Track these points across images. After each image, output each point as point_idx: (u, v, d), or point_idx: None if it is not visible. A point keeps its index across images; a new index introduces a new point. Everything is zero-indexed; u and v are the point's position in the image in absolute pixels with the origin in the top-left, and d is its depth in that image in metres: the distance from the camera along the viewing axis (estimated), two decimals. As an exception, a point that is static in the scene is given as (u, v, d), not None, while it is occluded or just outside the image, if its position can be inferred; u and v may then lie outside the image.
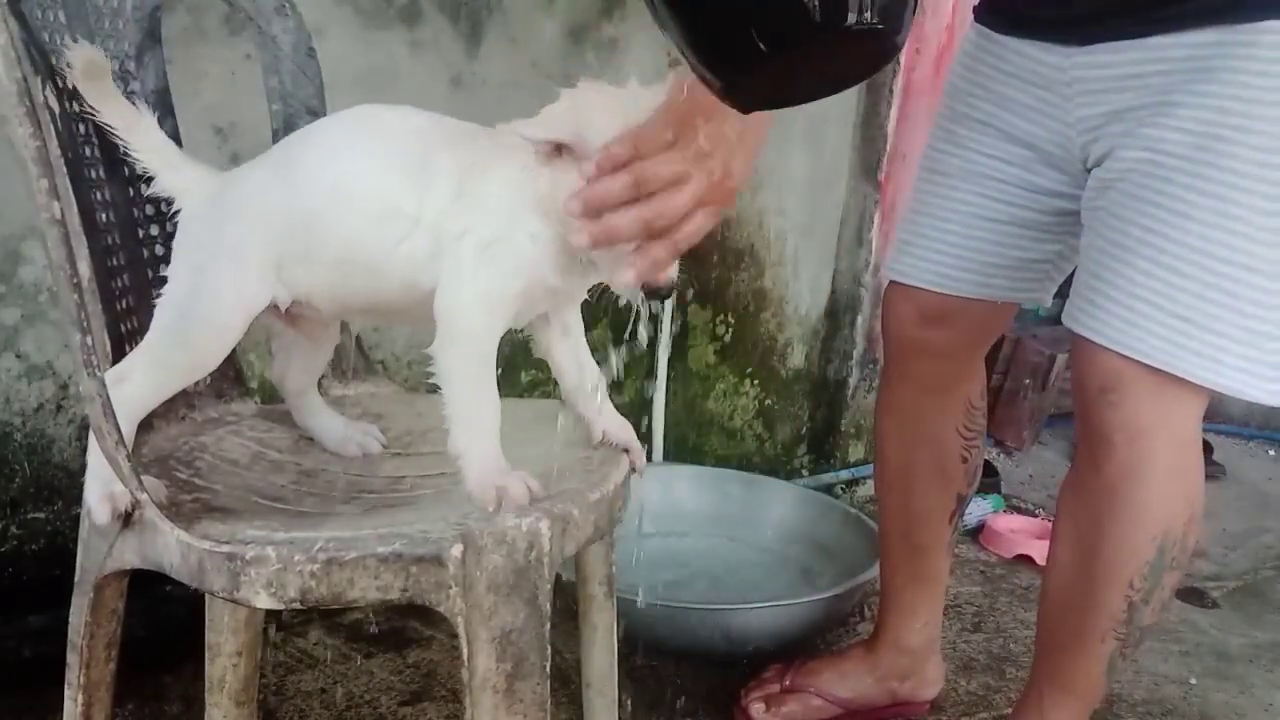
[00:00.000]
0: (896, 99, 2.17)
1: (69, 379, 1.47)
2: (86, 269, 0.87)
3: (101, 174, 0.97)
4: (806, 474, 2.39)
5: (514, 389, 1.83)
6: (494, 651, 0.79)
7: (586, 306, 0.97)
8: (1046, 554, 1.24)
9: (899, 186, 2.24)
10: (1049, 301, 1.33)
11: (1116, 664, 1.18)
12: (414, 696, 1.49)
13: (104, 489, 0.81)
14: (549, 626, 0.81)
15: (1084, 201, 1.14)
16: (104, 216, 0.96)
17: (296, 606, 0.77)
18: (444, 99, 1.67)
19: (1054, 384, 2.74)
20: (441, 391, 0.86)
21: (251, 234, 0.90)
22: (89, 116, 0.93)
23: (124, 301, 0.96)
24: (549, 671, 0.82)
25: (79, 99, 0.95)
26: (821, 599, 1.65)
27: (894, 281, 1.36)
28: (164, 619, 1.40)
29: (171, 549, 0.79)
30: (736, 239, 2.15)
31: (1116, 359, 1.06)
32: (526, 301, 0.88)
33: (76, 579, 0.87)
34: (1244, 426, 3.03)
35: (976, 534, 2.20)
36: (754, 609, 1.62)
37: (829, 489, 2.27)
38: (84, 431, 0.84)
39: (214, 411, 1.06)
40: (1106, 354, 1.07)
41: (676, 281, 0.85)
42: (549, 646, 0.82)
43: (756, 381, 2.28)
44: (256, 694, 1.20)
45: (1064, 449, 2.82)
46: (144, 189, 1.01)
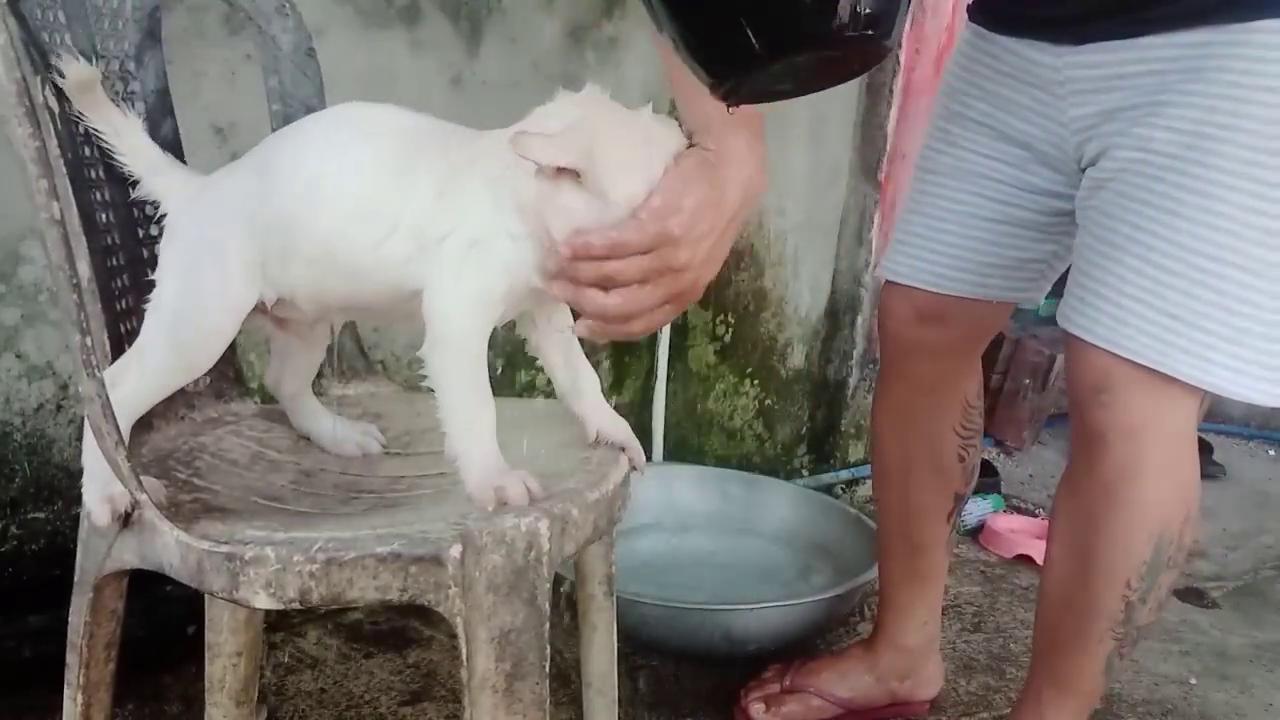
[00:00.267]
0: (896, 99, 2.17)
1: (69, 379, 1.47)
2: (86, 269, 0.87)
3: (101, 174, 0.97)
4: (806, 474, 2.39)
5: (514, 389, 1.83)
6: (493, 651, 0.79)
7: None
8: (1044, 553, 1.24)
9: (899, 186, 2.24)
10: (1041, 300, 1.33)
11: (1114, 663, 1.18)
12: (414, 696, 1.49)
13: (103, 490, 0.81)
14: (548, 626, 0.81)
15: (1078, 201, 1.14)
16: (103, 216, 0.96)
17: (295, 607, 0.77)
18: (444, 99, 1.67)
19: (1054, 384, 2.74)
20: (435, 395, 0.86)
21: (233, 233, 0.89)
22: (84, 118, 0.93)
23: (123, 302, 0.96)
24: (548, 671, 0.82)
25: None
26: (821, 599, 1.65)
27: (889, 281, 1.36)
28: (164, 619, 1.40)
29: (171, 549, 0.79)
30: (737, 239, 2.14)
31: (1107, 358, 1.06)
32: (511, 301, 0.88)
33: (76, 579, 0.87)
34: (1244, 426, 3.03)
35: (976, 534, 2.20)
36: (754, 609, 1.62)
37: (829, 489, 2.27)
38: (84, 431, 0.84)
39: (213, 411, 1.06)
40: (1098, 353, 1.07)
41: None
42: (548, 646, 0.82)
43: (756, 381, 2.28)
44: (256, 694, 1.20)
45: (1064, 449, 2.82)
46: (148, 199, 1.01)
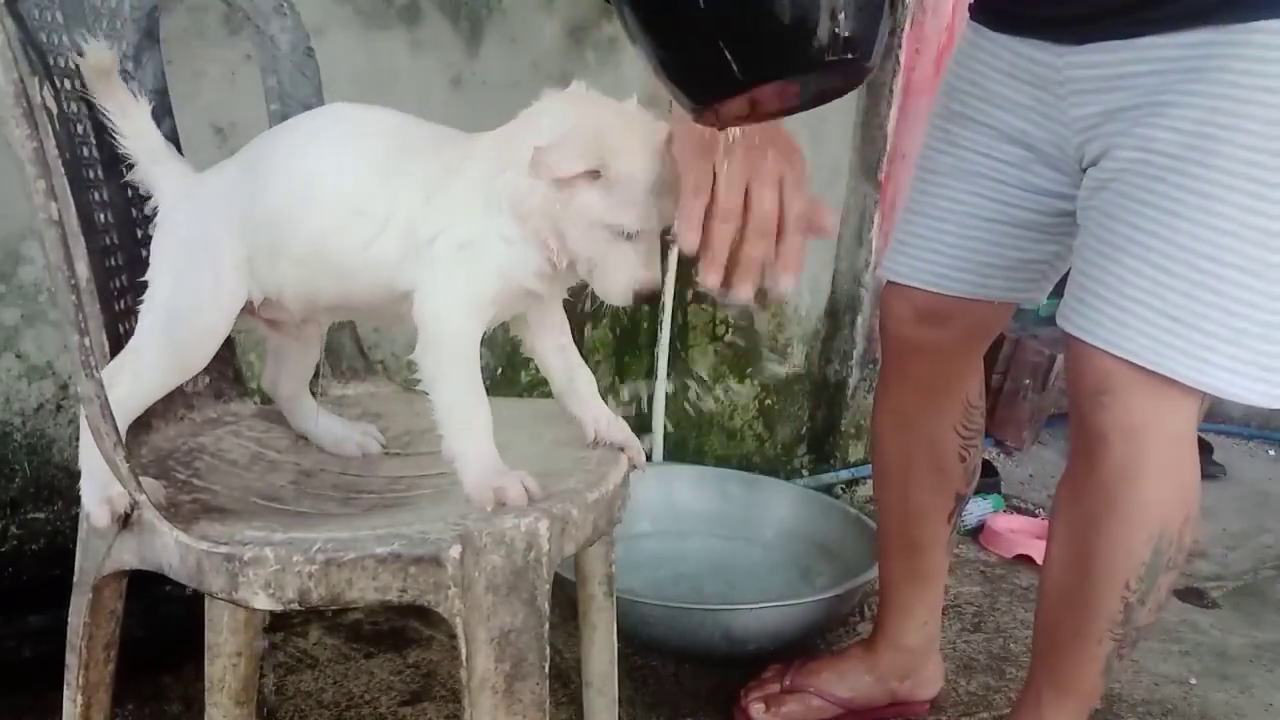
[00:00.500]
0: (896, 99, 2.17)
1: (69, 379, 1.47)
2: (84, 269, 0.87)
3: (99, 174, 0.97)
4: (806, 474, 2.39)
5: (513, 389, 1.83)
6: (493, 652, 0.79)
7: (587, 307, 0.97)
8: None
9: (899, 186, 2.24)
10: (1043, 301, 1.33)
11: (1114, 664, 1.17)
12: (414, 696, 1.49)
13: (102, 491, 0.81)
14: (548, 626, 0.81)
15: (1079, 201, 1.14)
16: (102, 217, 0.96)
17: (294, 607, 0.77)
18: (444, 99, 1.67)
19: (1054, 384, 2.74)
20: (430, 397, 0.86)
21: (224, 231, 0.90)
22: (97, 108, 0.94)
23: (122, 302, 0.96)
24: (548, 671, 0.82)
25: (76, 98, 0.95)
26: (821, 599, 1.65)
27: (890, 281, 1.36)
28: (164, 619, 1.40)
29: (170, 550, 0.79)
30: (736, 239, 2.14)
31: (1107, 359, 1.06)
32: (503, 304, 0.88)
33: (75, 579, 0.87)
34: (1244, 426, 3.02)
35: (976, 534, 2.20)
36: (754, 609, 1.62)
37: (829, 489, 2.27)
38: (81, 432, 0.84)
39: (213, 412, 1.06)
40: (1097, 354, 1.06)
41: (660, 287, 0.87)
42: (548, 646, 0.82)
43: (756, 381, 2.28)
44: (256, 694, 1.20)
45: (1064, 449, 2.81)
46: (142, 189, 1.01)
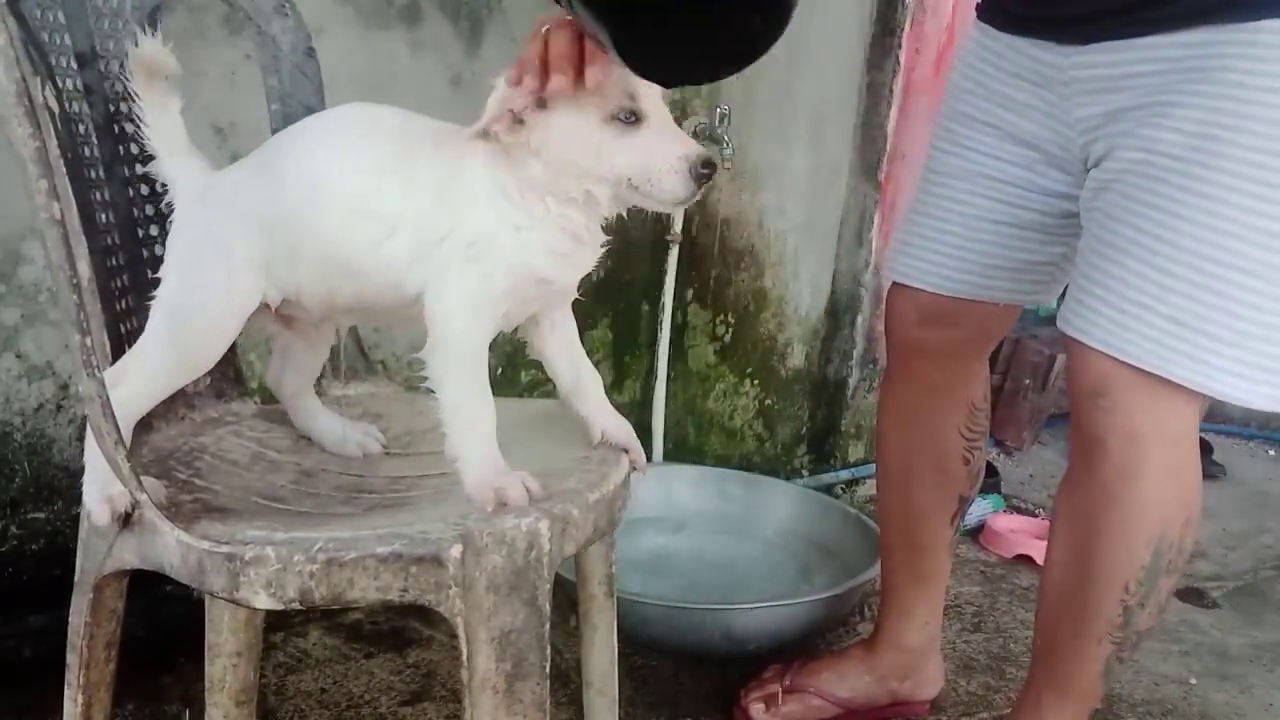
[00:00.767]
0: (896, 99, 2.17)
1: (69, 379, 1.47)
2: (86, 269, 0.87)
3: (101, 174, 0.97)
4: (806, 474, 2.39)
5: (514, 389, 1.83)
6: (493, 652, 0.79)
7: (585, 307, 0.97)
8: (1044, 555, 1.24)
9: (899, 186, 2.24)
10: (1053, 302, 1.33)
11: (1113, 667, 1.17)
12: (414, 696, 1.49)
13: (103, 490, 0.81)
14: (548, 626, 0.81)
15: (1082, 202, 1.14)
16: (104, 217, 0.96)
17: (295, 607, 0.77)
18: (444, 99, 1.67)
19: (1054, 384, 2.74)
20: (436, 395, 0.86)
21: (238, 233, 0.90)
22: (129, 96, 0.94)
23: (124, 302, 0.96)
24: (549, 672, 0.82)
25: (78, 99, 0.95)
26: (821, 599, 1.65)
27: (895, 282, 1.36)
28: (164, 619, 1.40)
29: (171, 549, 0.79)
30: (736, 239, 2.14)
31: (1107, 362, 1.05)
32: (516, 300, 0.88)
33: (76, 579, 0.87)
34: (1244, 426, 3.03)
35: (976, 534, 2.20)
36: (754, 609, 1.62)
37: (829, 489, 2.28)
38: (84, 431, 0.84)
39: (214, 412, 1.06)
40: (1097, 356, 1.06)
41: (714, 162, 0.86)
42: (549, 646, 0.82)
43: (756, 381, 2.28)
44: (256, 694, 1.20)
45: (1064, 449, 2.82)
46: (144, 189, 1.01)
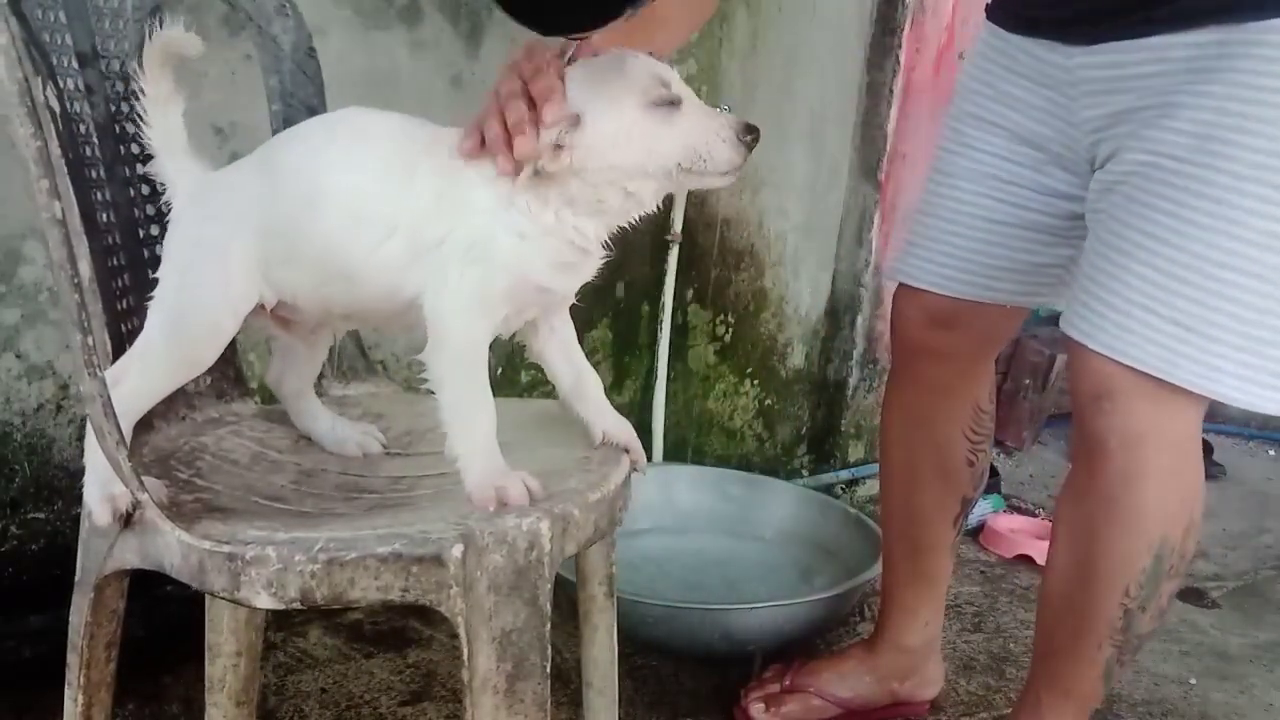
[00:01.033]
0: (896, 99, 2.17)
1: (69, 379, 1.47)
2: (87, 269, 0.87)
3: (102, 174, 0.97)
4: (806, 474, 2.39)
5: (514, 389, 1.83)
6: (494, 652, 0.79)
7: (584, 307, 0.97)
8: (1046, 556, 1.24)
9: (899, 186, 2.24)
10: (1060, 304, 1.32)
11: (1114, 670, 1.17)
12: (414, 696, 1.49)
13: (104, 490, 0.81)
14: (549, 626, 0.81)
15: (1087, 203, 1.13)
16: (105, 216, 0.96)
17: (297, 607, 0.77)
18: (444, 99, 1.67)
19: (1054, 384, 2.74)
20: (436, 397, 0.86)
21: (235, 234, 0.90)
22: (132, 90, 0.93)
23: (124, 301, 0.96)
24: (549, 672, 0.82)
25: (79, 99, 0.95)
26: (821, 599, 1.65)
27: (901, 284, 1.35)
28: (164, 619, 1.40)
29: (172, 549, 0.79)
30: (736, 239, 2.14)
31: (1110, 365, 1.05)
32: (515, 304, 0.88)
33: (77, 579, 0.87)
34: (1244, 427, 3.03)
35: (976, 534, 2.20)
36: (754, 609, 1.62)
37: (829, 489, 2.28)
38: (85, 431, 0.84)
39: (214, 411, 1.06)
40: (1100, 360, 1.05)
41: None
42: (549, 646, 0.82)
43: (756, 381, 2.28)
44: (256, 694, 1.20)
45: (1064, 449, 2.82)
46: (145, 189, 1.01)
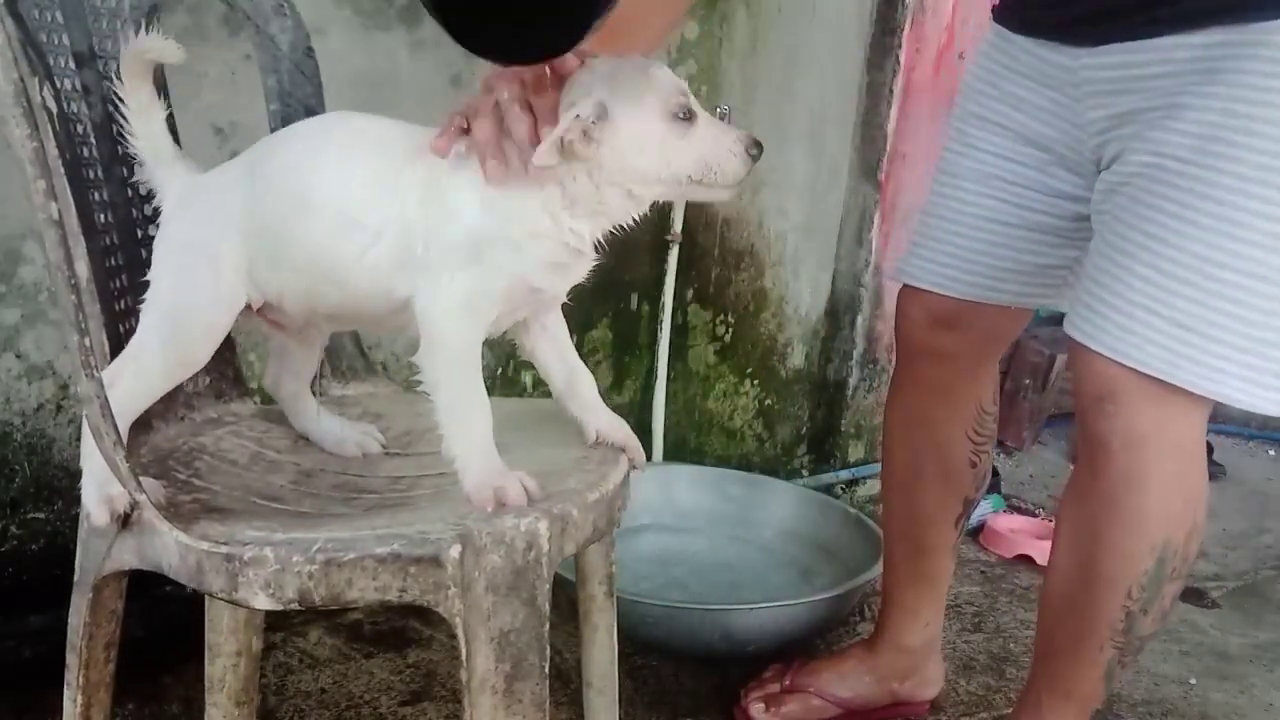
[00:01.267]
0: (896, 99, 2.17)
1: (69, 379, 1.47)
2: (85, 270, 0.87)
3: (99, 175, 0.97)
4: (806, 474, 2.39)
5: (514, 389, 1.83)
6: (493, 652, 0.79)
7: (584, 307, 0.97)
8: (1047, 557, 1.24)
9: (899, 186, 2.24)
10: (1064, 305, 1.32)
11: (1115, 672, 1.17)
12: (414, 696, 1.49)
13: (102, 491, 0.81)
14: (548, 627, 0.81)
15: (1092, 204, 1.12)
16: (102, 217, 0.96)
17: (295, 607, 0.77)
18: (444, 99, 1.66)
19: (1054, 384, 2.74)
20: (431, 399, 0.86)
21: (223, 236, 0.90)
22: (111, 103, 0.93)
23: (122, 302, 0.96)
24: (548, 672, 0.82)
25: (76, 98, 0.95)
26: (821, 599, 1.65)
27: (905, 284, 1.35)
28: (164, 619, 1.40)
29: (170, 550, 0.79)
30: (736, 239, 2.14)
31: (1113, 367, 1.04)
32: (507, 305, 0.88)
33: (75, 579, 0.87)
34: (1244, 427, 3.03)
35: (976, 534, 2.20)
36: (754, 609, 1.62)
37: (829, 489, 2.27)
38: (83, 431, 0.84)
39: (213, 412, 1.06)
40: (1103, 361, 1.05)
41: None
42: (548, 647, 0.82)
43: (756, 381, 2.28)
44: (256, 694, 1.20)
45: (1064, 449, 2.82)
46: (142, 189, 1.01)
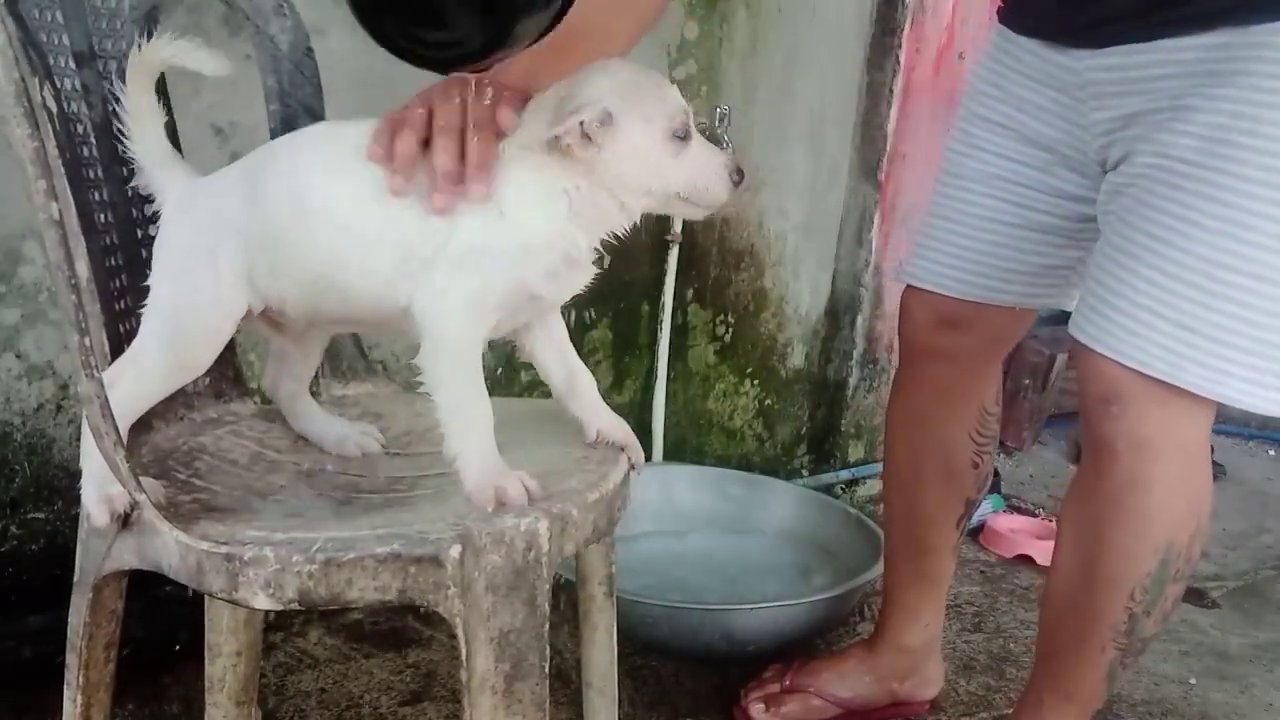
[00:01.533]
0: (896, 99, 2.17)
1: (69, 379, 1.47)
2: (85, 269, 0.87)
3: (99, 175, 0.97)
4: (806, 474, 2.39)
5: (514, 389, 1.83)
6: (493, 652, 0.79)
7: (584, 307, 0.97)
8: (1048, 557, 1.24)
9: (899, 186, 2.24)
10: (1070, 306, 1.31)
11: (1117, 673, 1.16)
12: (414, 696, 1.49)
13: (101, 490, 0.81)
14: (548, 626, 0.81)
15: (1098, 205, 1.12)
16: (102, 217, 0.96)
17: (295, 607, 0.77)
18: (444, 99, 1.66)
19: (1054, 384, 2.74)
20: (433, 399, 0.86)
21: (223, 244, 0.90)
22: (110, 107, 0.93)
23: (122, 302, 0.96)
24: (548, 672, 0.82)
25: (77, 98, 0.95)
26: (821, 599, 1.65)
27: (909, 285, 1.35)
28: (164, 619, 1.40)
29: (170, 549, 0.79)
30: (736, 239, 2.14)
31: (1117, 369, 1.04)
32: (509, 309, 0.88)
33: (75, 579, 0.87)
34: (1244, 426, 3.03)
35: (976, 534, 2.20)
36: (754, 609, 1.62)
37: (829, 489, 2.27)
38: (83, 431, 0.84)
39: (213, 412, 1.06)
40: (1107, 363, 1.05)
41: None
42: (548, 646, 0.82)
43: (756, 381, 2.28)
44: (256, 694, 1.20)
45: (1064, 449, 2.82)
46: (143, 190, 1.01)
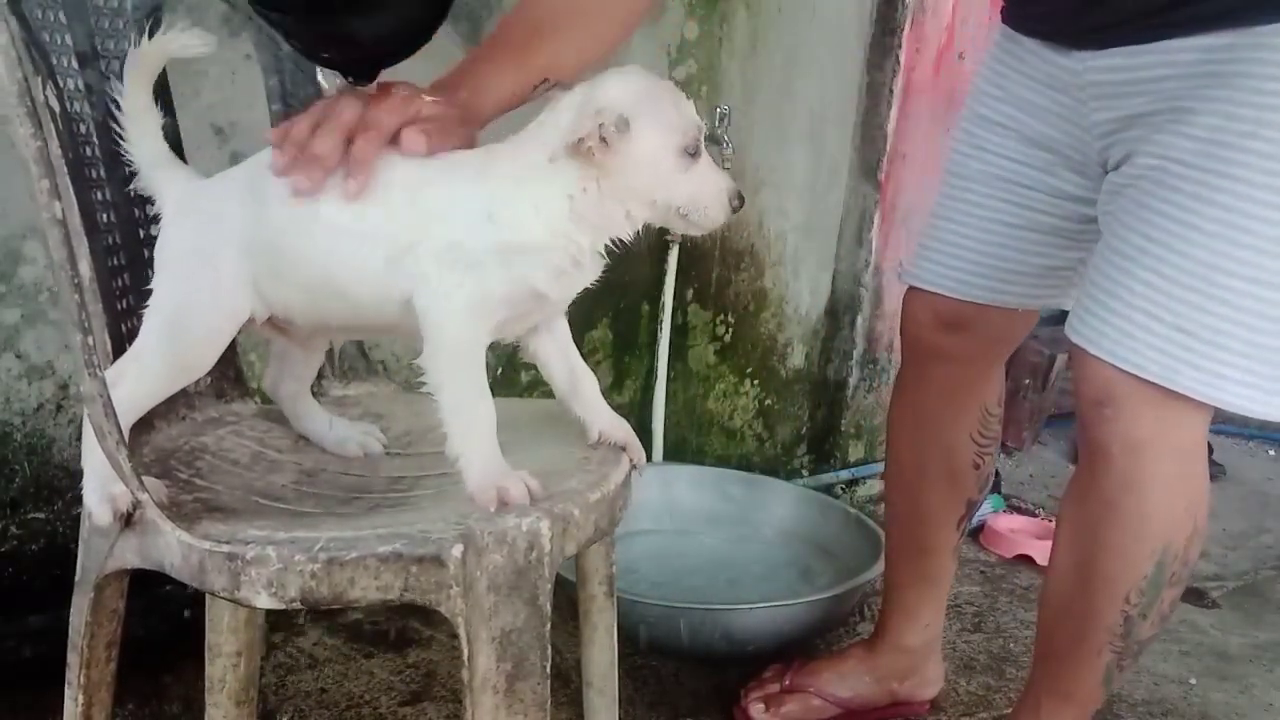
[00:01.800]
0: (896, 99, 2.17)
1: (69, 379, 1.47)
2: (87, 269, 0.87)
3: (102, 174, 0.97)
4: (806, 474, 2.39)
5: (514, 389, 1.83)
6: (494, 652, 0.79)
7: (584, 307, 0.97)
8: (1048, 557, 1.24)
9: (899, 186, 2.24)
10: (1070, 305, 1.31)
11: (1113, 675, 1.16)
12: (414, 696, 1.49)
13: (104, 490, 0.81)
14: (549, 626, 0.81)
15: (1098, 206, 1.12)
16: (105, 216, 0.96)
17: (297, 607, 0.77)
18: (444, 99, 1.66)
19: (1054, 384, 2.74)
20: (435, 399, 0.86)
21: (225, 246, 0.89)
22: (109, 108, 0.93)
23: (124, 301, 0.96)
24: (549, 672, 0.82)
25: (79, 98, 0.95)
26: (821, 599, 1.65)
27: (912, 286, 1.35)
28: (164, 619, 1.40)
29: (172, 549, 0.79)
30: (736, 239, 2.14)
31: (1112, 371, 1.04)
32: (512, 311, 0.88)
33: (77, 579, 0.87)
34: (1244, 426, 3.03)
35: (976, 534, 2.20)
36: (754, 609, 1.62)
37: (829, 489, 2.28)
38: (84, 431, 0.84)
39: (214, 411, 1.06)
40: (1103, 365, 1.05)
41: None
42: (549, 646, 0.82)
43: (756, 381, 2.28)
44: (256, 694, 1.20)
45: (1064, 449, 2.82)
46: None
